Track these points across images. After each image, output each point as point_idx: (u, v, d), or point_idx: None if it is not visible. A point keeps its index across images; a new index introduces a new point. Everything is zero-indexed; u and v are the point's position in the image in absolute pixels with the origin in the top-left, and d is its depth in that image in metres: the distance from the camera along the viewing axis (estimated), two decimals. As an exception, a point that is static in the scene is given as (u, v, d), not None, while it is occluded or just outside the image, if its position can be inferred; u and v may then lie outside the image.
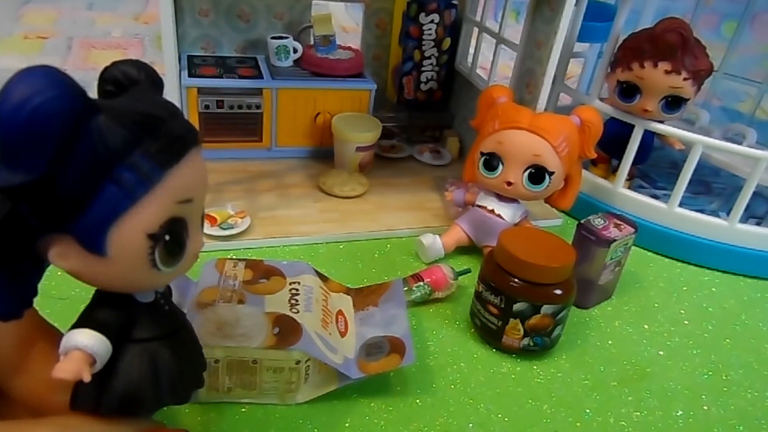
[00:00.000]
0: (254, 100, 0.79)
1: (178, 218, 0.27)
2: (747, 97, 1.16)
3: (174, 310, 0.32)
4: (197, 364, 0.32)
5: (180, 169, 0.26)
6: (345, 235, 0.69)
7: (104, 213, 0.25)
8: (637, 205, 0.76)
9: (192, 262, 0.30)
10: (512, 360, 0.55)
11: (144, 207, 0.26)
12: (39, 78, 0.23)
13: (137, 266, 0.27)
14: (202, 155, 0.29)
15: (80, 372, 0.26)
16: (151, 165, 0.25)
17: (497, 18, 0.89)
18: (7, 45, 1.21)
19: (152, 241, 0.26)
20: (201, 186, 0.29)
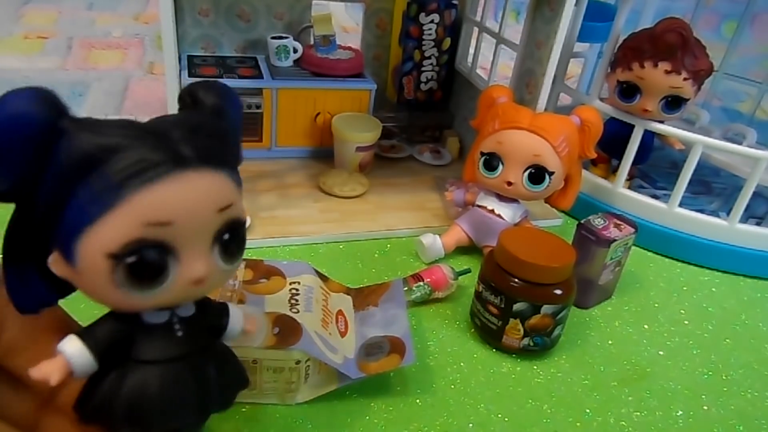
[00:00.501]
0: (254, 100, 0.79)
1: (151, 241, 0.26)
2: (747, 97, 1.16)
3: (190, 338, 0.30)
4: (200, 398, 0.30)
5: (150, 190, 0.25)
6: (345, 235, 0.69)
7: (70, 227, 0.26)
8: (637, 205, 0.76)
9: (189, 289, 0.28)
10: (512, 360, 0.55)
11: (103, 226, 0.25)
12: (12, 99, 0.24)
13: (103, 284, 0.26)
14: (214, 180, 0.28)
15: (49, 375, 0.26)
16: (107, 184, 0.25)
17: (497, 18, 0.89)
18: (7, 45, 1.21)
19: (113, 260, 0.25)
20: (191, 210, 0.27)
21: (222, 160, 0.29)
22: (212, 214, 0.28)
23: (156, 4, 0.86)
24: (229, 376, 0.33)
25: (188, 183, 0.27)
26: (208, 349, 0.32)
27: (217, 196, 0.28)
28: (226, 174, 0.29)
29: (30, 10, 1.42)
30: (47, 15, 1.40)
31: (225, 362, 0.33)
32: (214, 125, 0.29)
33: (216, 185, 0.28)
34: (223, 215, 0.28)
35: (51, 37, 1.27)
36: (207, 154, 0.27)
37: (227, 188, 0.29)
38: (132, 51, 1.25)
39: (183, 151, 0.27)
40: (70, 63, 1.15)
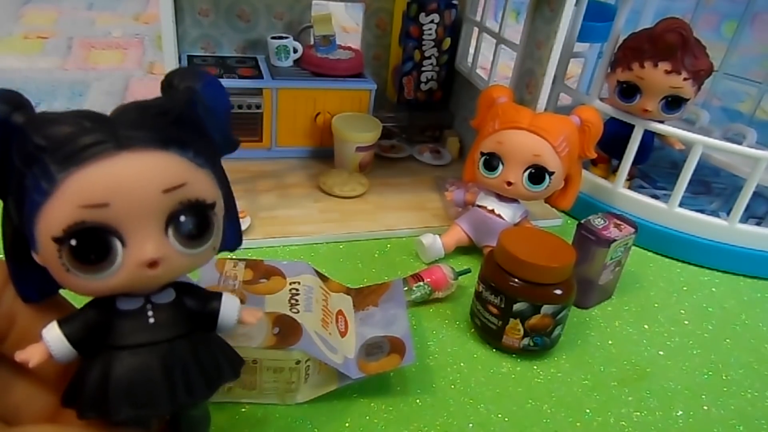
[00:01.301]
0: (254, 100, 0.79)
1: (90, 222, 0.26)
2: (747, 97, 1.16)
3: (164, 324, 0.30)
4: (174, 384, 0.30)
5: (82, 172, 0.26)
6: (345, 235, 0.69)
7: (27, 217, 0.27)
8: (637, 205, 0.76)
9: (143, 272, 0.28)
10: (512, 360, 0.55)
11: (47, 210, 0.26)
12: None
13: (56, 269, 0.27)
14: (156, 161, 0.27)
15: (28, 359, 0.28)
16: (45, 169, 0.26)
17: (497, 18, 0.88)
18: (7, 45, 1.21)
19: (57, 244, 0.26)
20: (130, 191, 0.27)
21: (171, 140, 0.28)
22: (156, 195, 0.27)
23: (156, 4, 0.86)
24: (209, 366, 0.32)
25: (124, 163, 0.26)
26: (185, 336, 0.31)
27: (162, 176, 0.27)
28: (178, 154, 0.28)
29: (30, 10, 1.42)
30: (47, 15, 1.40)
31: (206, 351, 0.32)
32: (166, 106, 0.29)
33: (161, 165, 0.27)
34: (173, 196, 0.28)
35: (51, 37, 1.27)
36: (152, 134, 0.27)
37: (177, 168, 0.28)
38: (132, 51, 1.25)
39: (122, 131, 0.27)
40: (70, 63, 1.15)
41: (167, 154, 0.28)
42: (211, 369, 0.32)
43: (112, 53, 1.23)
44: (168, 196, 0.28)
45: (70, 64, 1.14)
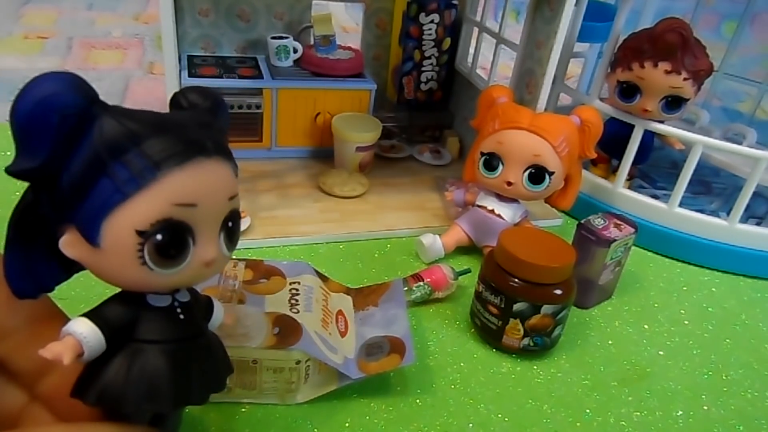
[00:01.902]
0: (254, 100, 0.79)
1: (176, 221, 0.28)
2: (747, 97, 1.16)
3: (190, 322, 0.32)
4: (199, 380, 0.31)
5: (180, 173, 0.27)
6: (345, 235, 0.69)
7: (99, 205, 0.27)
8: (637, 205, 0.76)
9: (201, 271, 0.30)
10: (512, 360, 0.55)
11: (135, 203, 0.27)
12: (48, 79, 0.26)
13: (128, 261, 0.28)
14: (226, 169, 0.30)
15: (61, 354, 0.27)
16: (145, 164, 0.27)
17: (497, 18, 0.89)
18: (7, 45, 1.21)
19: (141, 237, 0.27)
20: (210, 196, 0.29)
21: (229, 154, 0.31)
22: (225, 201, 0.30)
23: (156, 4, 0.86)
24: (221, 361, 0.34)
25: (210, 169, 0.29)
26: (203, 333, 0.33)
27: (229, 184, 0.30)
28: (233, 166, 0.31)
29: (30, 10, 1.42)
30: (47, 15, 1.40)
31: (217, 347, 0.34)
32: (217, 123, 0.32)
33: (228, 175, 0.30)
34: (232, 203, 0.31)
35: (51, 37, 1.27)
36: (219, 146, 0.30)
37: (234, 179, 0.31)
38: (132, 51, 1.25)
39: (202, 140, 0.29)
40: (70, 63, 1.15)
41: (229, 165, 0.31)
42: (222, 363, 0.34)
43: (112, 53, 1.23)
44: (230, 203, 0.30)
45: (70, 64, 1.14)
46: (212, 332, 0.35)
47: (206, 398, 0.32)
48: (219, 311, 0.36)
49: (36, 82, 0.26)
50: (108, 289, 0.30)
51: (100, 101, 0.27)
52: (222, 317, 0.37)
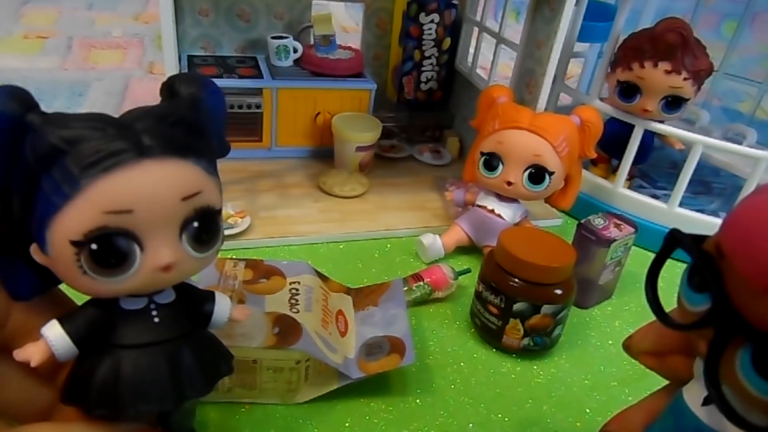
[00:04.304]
0: (254, 100, 0.79)
1: (112, 228, 0.27)
2: (747, 97, 1.16)
3: (167, 323, 0.31)
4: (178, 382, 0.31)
5: (108, 179, 0.26)
6: (345, 235, 0.69)
7: (39, 217, 0.27)
8: (637, 205, 0.76)
9: (157, 276, 0.29)
10: (512, 360, 0.55)
11: (66, 214, 0.26)
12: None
13: (71, 271, 0.27)
14: (177, 169, 0.28)
15: (29, 357, 0.28)
16: (68, 174, 0.26)
17: (497, 18, 0.89)
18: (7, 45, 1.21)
19: (75, 248, 0.26)
20: (152, 199, 0.27)
21: (188, 149, 0.29)
22: (175, 203, 0.28)
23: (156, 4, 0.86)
24: (209, 363, 0.33)
25: (148, 171, 0.27)
26: (187, 335, 0.32)
27: (181, 184, 0.28)
28: (193, 162, 0.29)
29: (30, 10, 1.42)
30: (47, 15, 1.40)
31: (205, 349, 0.33)
32: (181, 114, 0.30)
33: (180, 174, 0.28)
34: (190, 203, 0.29)
35: (51, 36, 1.27)
36: (171, 143, 0.28)
37: (194, 177, 0.29)
38: (132, 51, 1.25)
39: (144, 140, 0.27)
40: (70, 63, 1.15)
41: (185, 162, 0.28)
42: (211, 365, 0.33)
43: (112, 53, 1.23)
44: (185, 204, 0.28)
45: (70, 64, 1.14)
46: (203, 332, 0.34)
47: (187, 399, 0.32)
48: (223, 308, 0.35)
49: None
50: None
51: (37, 111, 0.27)
52: (228, 313, 0.35)
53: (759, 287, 0.21)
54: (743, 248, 0.22)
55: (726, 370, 0.24)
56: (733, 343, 0.23)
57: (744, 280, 0.22)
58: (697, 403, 0.28)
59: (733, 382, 0.24)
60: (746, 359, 0.23)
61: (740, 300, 0.23)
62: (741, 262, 0.22)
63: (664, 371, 0.33)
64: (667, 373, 0.33)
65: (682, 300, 0.27)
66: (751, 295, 0.22)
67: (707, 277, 0.24)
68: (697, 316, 0.25)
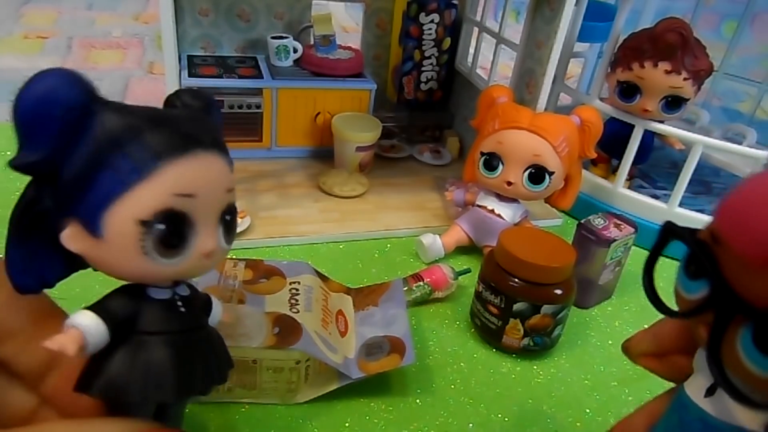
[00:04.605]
0: (254, 100, 0.79)
1: (177, 211, 0.28)
2: (747, 97, 1.16)
3: (191, 314, 0.33)
4: (202, 371, 0.32)
5: (180, 163, 0.28)
6: (345, 235, 0.69)
7: (101, 196, 0.27)
8: (637, 205, 0.76)
9: (201, 262, 0.30)
10: (512, 360, 0.55)
11: (137, 194, 0.27)
12: (50, 75, 0.26)
13: (130, 252, 0.28)
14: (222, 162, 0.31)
15: (65, 346, 0.27)
16: (146, 155, 0.27)
17: (497, 18, 0.89)
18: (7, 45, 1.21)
19: (143, 227, 0.27)
20: (208, 187, 0.29)
21: (224, 148, 0.31)
22: (223, 193, 0.31)
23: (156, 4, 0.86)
24: (222, 354, 0.35)
25: (207, 161, 0.29)
26: (204, 327, 0.34)
27: (226, 177, 0.31)
28: (227, 161, 0.32)
29: (30, 10, 1.42)
30: (47, 15, 1.40)
31: (217, 341, 0.35)
32: (209, 119, 0.32)
33: (225, 168, 0.31)
34: (229, 196, 0.31)
35: (51, 36, 1.27)
36: (215, 140, 0.30)
37: (230, 173, 0.32)
38: (132, 51, 1.25)
39: (198, 134, 0.29)
40: (70, 63, 1.15)
41: (226, 158, 0.31)
42: (223, 357, 0.35)
43: (112, 53, 1.23)
44: (227, 196, 0.31)
45: (70, 64, 1.14)
46: (212, 327, 0.36)
47: (209, 389, 0.33)
48: (218, 308, 0.37)
49: (38, 77, 0.26)
50: (107, 288, 0.30)
51: (100, 96, 0.28)
52: (220, 315, 0.37)
53: (756, 264, 0.22)
54: (739, 228, 0.23)
55: (728, 354, 0.24)
56: (733, 324, 0.24)
57: (741, 260, 0.23)
58: (700, 394, 0.28)
59: (736, 365, 0.24)
60: (747, 339, 0.23)
61: (738, 280, 0.23)
62: (737, 241, 0.23)
63: (664, 371, 0.33)
64: (667, 373, 0.33)
65: (680, 291, 0.28)
66: (748, 274, 0.23)
67: (703, 261, 0.25)
68: (695, 303, 0.26)
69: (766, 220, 0.22)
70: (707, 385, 0.28)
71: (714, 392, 0.27)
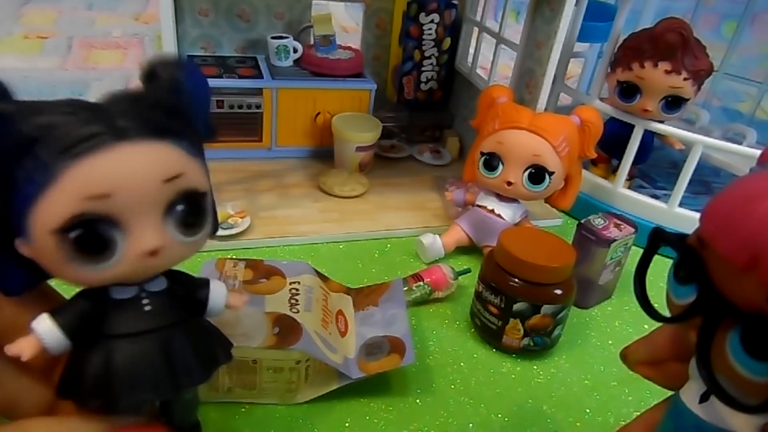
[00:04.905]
0: (254, 100, 0.79)
1: (92, 214, 0.26)
2: (747, 97, 1.16)
3: (159, 311, 0.31)
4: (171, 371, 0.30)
5: (83, 165, 0.26)
6: (345, 235, 0.69)
7: (19, 207, 0.26)
8: (637, 205, 0.76)
9: (144, 262, 0.28)
10: (512, 360, 0.55)
11: (44, 203, 0.26)
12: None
13: (55, 260, 0.27)
14: (155, 152, 0.28)
15: (20, 351, 0.27)
16: (42, 163, 0.26)
17: (497, 18, 0.89)
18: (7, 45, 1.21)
19: (57, 236, 0.26)
20: (132, 182, 0.27)
21: (166, 131, 0.28)
22: (157, 185, 0.28)
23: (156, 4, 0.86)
24: (205, 350, 0.33)
25: (125, 154, 0.27)
26: (180, 323, 0.32)
27: (161, 166, 0.28)
28: (173, 144, 0.28)
29: (30, 10, 1.42)
30: (47, 15, 1.40)
31: (201, 337, 0.33)
32: (158, 96, 0.29)
33: (158, 156, 0.28)
34: (172, 186, 0.28)
35: (51, 36, 1.27)
36: (147, 125, 0.28)
37: (174, 158, 0.28)
38: (132, 51, 1.25)
39: (119, 123, 0.27)
40: (70, 63, 1.15)
41: (164, 144, 0.28)
42: (207, 353, 0.33)
43: (112, 53, 1.23)
44: (167, 186, 0.28)
45: (70, 64, 1.14)
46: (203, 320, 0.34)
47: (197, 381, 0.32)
48: (219, 295, 0.35)
49: None
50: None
51: (9, 99, 0.26)
52: (224, 300, 0.35)
53: (739, 266, 0.22)
54: (723, 231, 0.23)
55: (718, 358, 0.24)
56: (722, 327, 0.24)
57: (726, 263, 0.23)
58: (695, 400, 0.28)
59: (725, 367, 0.24)
60: (736, 341, 0.23)
61: (724, 284, 0.24)
62: (721, 244, 0.23)
63: (660, 379, 0.34)
64: (662, 380, 0.34)
65: (671, 296, 0.28)
66: (734, 277, 0.23)
67: (691, 265, 0.25)
68: (684, 308, 0.26)
69: (749, 223, 0.22)
70: (702, 391, 0.28)
71: (708, 398, 0.28)
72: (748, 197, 0.23)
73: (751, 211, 0.22)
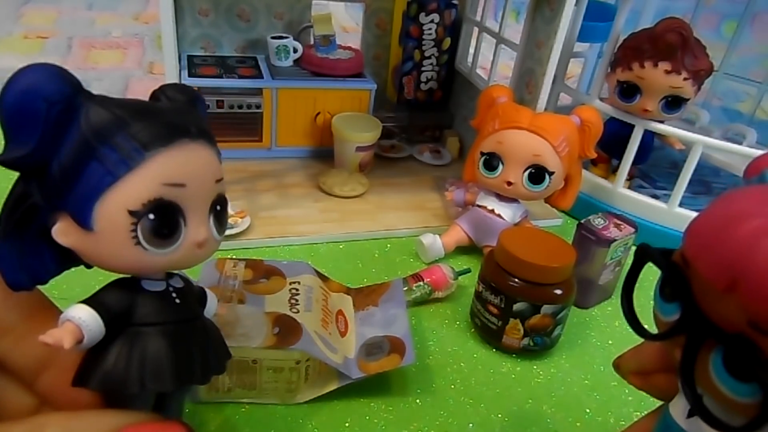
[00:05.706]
0: (254, 100, 0.79)
1: (167, 201, 0.28)
2: (747, 97, 1.16)
3: (186, 305, 0.33)
4: (200, 361, 0.32)
5: (168, 153, 0.28)
6: (345, 235, 0.69)
7: (90, 189, 0.27)
8: (637, 205, 0.76)
9: (193, 252, 0.30)
10: (512, 360, 0.55)
11: (126, 184, 0.27)
12: (33, 70, 0.27)
13: (122, 243, 0.28)
14: (210, 153, 0.31)
15: (61, 339, 0.27)
16: (133, 146, 0.27)
17: (497, 18, 0.89)
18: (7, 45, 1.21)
19: (133, 217, 0.28)
20: (197, 176, 0.30)
21: (212, 139, 0.31)
22: (212, 184, 0.31)
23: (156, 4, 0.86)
24: (219, 345, 0.35)
25: (196, 151, 0.30)
26: (200, 317, 0.34)
27: (215, 168, 0.31)
28: (215, 151, 0.32)
29: (30, 10, 1.42)
30: (47, 15, 1.40)
31: (214, 332, 0.35)
32: (195, 111, 0.33)
33: (213, 158, 0.31)
34: (218, 187, 0.31)
35: (51, 36, 1.27)
36: (202, 130, 0.30)
37: (218, 163, 0.32)
38: (132, 51, 1.25)
39: (185, 124, 0.29)
40: (70, 63, 1.15)
41: (213, 149, 0.31)
42: (220, 347, 0.35)
43: (112, 53, 1.23)
44: (216, 186, 0.31)
45: (70, 64, 1.14)
46: (208, 319, 0.36)
47: (208, 378, 0.33)
48: (213, 301, 0.37)
49: (21, 73, 0.26)
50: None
51: (84, 89, 0.28)
52: (215, 307, 0.37)
53: (720, 287, 0.22)
54: (704, 252, 0.23)
55: (702, 376, 0.24)
56: (705, 347, 0.24)
57: (707, 283, 0.23)
58: (683, 416, 0.29)
59: (709, 386, 0.24)
60: (718, 362, 0.23)
61: (707, 304, 0.24)
62: (702, 265, 0.23)
63: (650, 389, 0.34)
64: (652, 391, 0.34)
65: (657, 312, 0.28)
66: (716, 297, 0.23)
67: (675, 284, 0.25)
68: (669, 326, 0.26)
69: (729, 245, 0.22)
70: (689, 407, 0.28)
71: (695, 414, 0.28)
72: (728, 218, 0.22)
73: (731, 233, 0.22)
